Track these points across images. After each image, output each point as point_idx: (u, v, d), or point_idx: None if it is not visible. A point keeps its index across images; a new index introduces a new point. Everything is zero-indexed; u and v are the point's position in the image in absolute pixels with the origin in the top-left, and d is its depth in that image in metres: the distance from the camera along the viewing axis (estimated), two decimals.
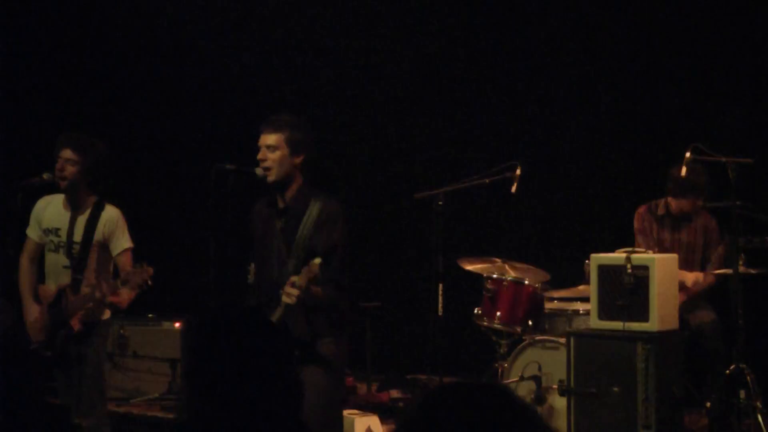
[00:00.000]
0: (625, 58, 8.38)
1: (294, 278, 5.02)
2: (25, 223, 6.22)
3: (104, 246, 6.05)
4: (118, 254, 6.05)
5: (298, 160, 5.27)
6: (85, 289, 5.95)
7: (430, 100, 9.11)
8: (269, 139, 5.24)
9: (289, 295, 5.00)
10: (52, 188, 6.10)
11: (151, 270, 5.67)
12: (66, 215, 6.08)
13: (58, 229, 6.09)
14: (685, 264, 7.00)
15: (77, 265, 6.00)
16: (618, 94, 8.39)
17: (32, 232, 6.21)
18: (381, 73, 9.23)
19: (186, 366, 2.83)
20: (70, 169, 5.96)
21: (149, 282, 5.68)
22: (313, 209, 5.24)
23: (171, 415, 7.79)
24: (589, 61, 8.49)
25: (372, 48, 9.19)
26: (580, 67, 8.52)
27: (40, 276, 6.22)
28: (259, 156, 5.24)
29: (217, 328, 2.80)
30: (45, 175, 5.98)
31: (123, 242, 6.06)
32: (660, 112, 8.24)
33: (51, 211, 6.14)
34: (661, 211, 7.21)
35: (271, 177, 5.25)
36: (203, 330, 2.80)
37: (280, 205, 5.33)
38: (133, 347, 8.43)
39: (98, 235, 6.01)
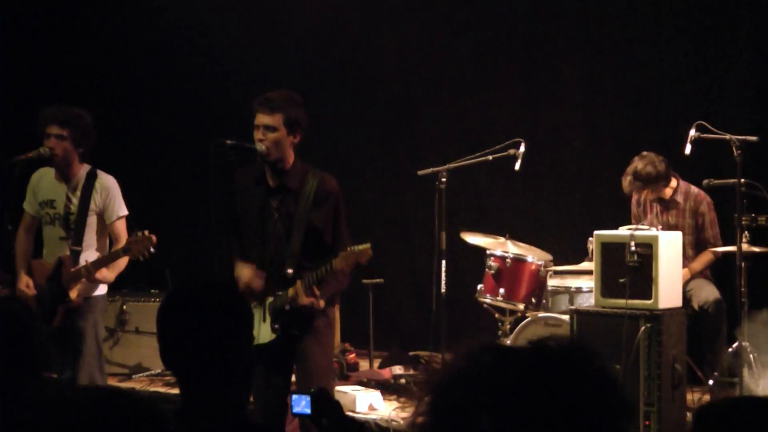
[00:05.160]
0: (630, 35, 8.33)
1: (296, 288, 5.09)
2: (22, 197, 6.22)
3: (100, 215, 6.05)
4: (113, 222, 6.05)
5: (295, 139, 5.27)
6: (84, 263, 5.95)
7: (434, 77, 9.08)
8: (267, 119, 5.22)
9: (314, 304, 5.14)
10: (47, 163, 6.09)
11: (154, 237, 5.70)
12: (60, 187, 6.08)
13: (53, 201, 6.09)
14: None
15: (75, 236, 6.00)
16: (623, 71, 8.35)
17: (28, 206, 6.24)
18: (385, 48, 9.19)
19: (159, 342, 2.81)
20: (62, 145, 5.96)
21: (152, 249, 5.71)
22: (311, 186, 5.25)
23: (173, 391, 7.79)
24: (593, 39, 8.44)
25: (376, 23, 9.14)
26: (584, 44, 8.48)
27: (38, 248, 6.23)
28: (258, 136, 5.23)
29: (178, 303, 2.79)
30: (42, 149, 5.97)
31: (118, 210, 6.07)
32: (665, 89, 8.20)
33: (45, 183, 6.15)
34: (651, 196, 7.19)
35: (271, 157, 5.24)
36: (166, 307, 2.80)
37: (273, 183, 5.31)
38: (135, 323, 8.43)
39: (93, 204, 6.02)
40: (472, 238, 7.50)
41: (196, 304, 2.77)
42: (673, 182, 7.14)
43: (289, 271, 5.21)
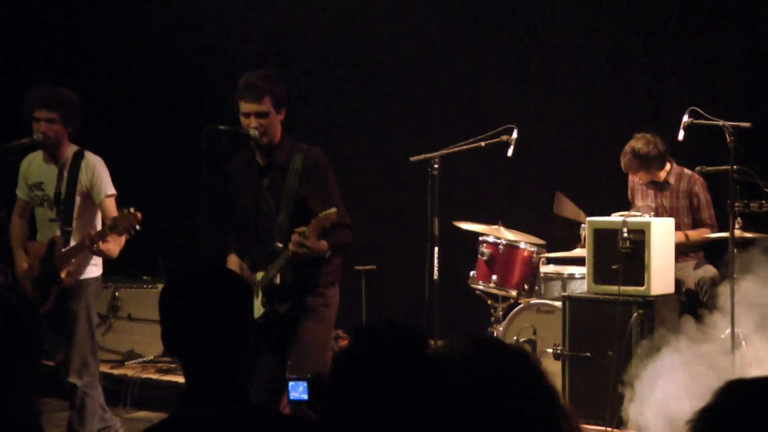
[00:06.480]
0: (623, 21, 8.32)
1: (302, 229, 5.04)
2: (15, 184, 6.22)
3: (88, 195, 6.02)
4: (102, 201, 6.02)
5: (281, 116, 5.31)
6: (74, 241, 5.94)
7: (426, 62, 9.06)
8: (256, 107, 5.25)
9: (300, 245, 5.06)
10: (37, 147, 6.08)
11: (139, 215, 5.67)
12: (48, 168, 6.08)
13: (41, 183, 6.09)
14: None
15: (64, 216, 5.99)
16: (616, 57, 8.34)
17: (20, 191, 6.25)
18: (378, 34, 9.17)
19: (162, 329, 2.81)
20: (53, 128, 5.95)
21: (137, 226, 5.68)
22: (296, 161, 5.27)
23: (166, 378, 7.80)
24: (586, 24, 8.43)
25: (369, 9, 9.12)
26: (577, 29, 8.46)
27: (32, 231, 6.23)
28: (252, 124, 5.23)
29: (180, 287, 2.80)
30: (35, 135, 5.95)
31: (105, 188, 6.04)
32: (658, 75, 8.19)
33: (34, 166, 6.16)
34: (645, 179, 7.20)
35: (265, 140, 5.26)
36: (168, 290, 2.80)
37: (262, 162, 5.34)
38: (128, 309, 8.42)
39: (80, 184, 6.00)
40: (466, 225, 7.49)
41: (198, 286, 2.78)
42: (668, 166, 7.16)
43: (279, 244, 5.22)
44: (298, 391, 3.37)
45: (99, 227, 6.06)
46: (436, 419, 1.73)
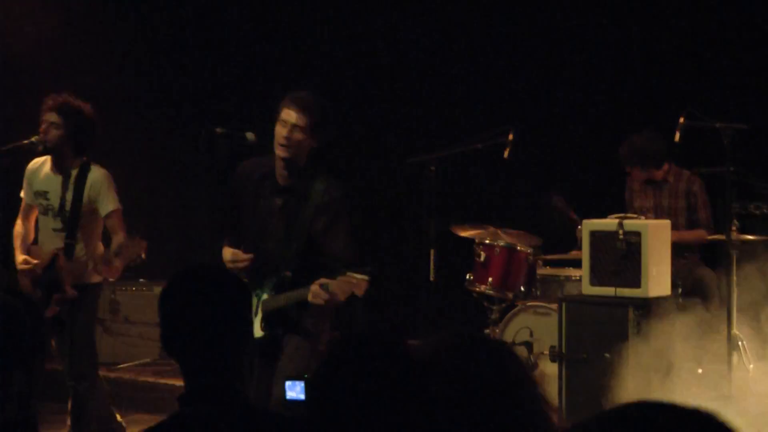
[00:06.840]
0: (620, 22, 8.32)
1: (325, 281, 4.97)
2: (12, 185, 6.23)
3: (93, 208, 6.04)
4: (107, 216, 6.04)
5: (314, 144, 5.23)
6: (78, 255, 5.96)
7: (422, 65, 9.06)
8: (296, 118, 5.15)
9: (317, 296, 4.99)
10: (40, 151, 6.09)
11: (145, 244, 5.69)
12: (54, 178, 6.08)
13: (46, 193, 6.09)
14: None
15: (69, 229, 6.00)
16: (612, 59, 8.35)
17: (25, 194, 6.24)
18: (373, 36, 9.17)
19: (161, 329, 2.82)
20: (54, 133, 5.95)
21: (143, 256, 5.70)
22: (317, 191, 5.20)
23: (162, 380, 7.79)
24: (582, 26, 8.43)
25: (364, 11, 9.12)
26: (573, 31, 8.47)
27: (36, 235, 6.26)
28: (283, 133, 5.15)
29: (179, 288, 2.80)
30: (34, 138, 5.97)
31: (109, 204, 6.04)
32: (654, 76, 8.20)
33: (40, 173, 6.16)
34: (641, 177, 7.23)
35: (286, 154, 5.18)
36: (168, 291, 2.81)
37: (281, 181, 5.27)
38: (125, 312, 8.42)
39: (86, 197, 6.01)
40: (464, 232, 7.49)
41: (197, 287, 2.79)
42: (666, 166, 7.18)
43: (288, 273, 5.20)
44: (294, 391, 3.37)
45: (100, 240, 6.10)
46: (420, 417, 1.75)
